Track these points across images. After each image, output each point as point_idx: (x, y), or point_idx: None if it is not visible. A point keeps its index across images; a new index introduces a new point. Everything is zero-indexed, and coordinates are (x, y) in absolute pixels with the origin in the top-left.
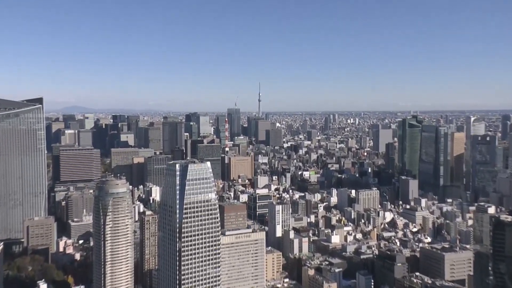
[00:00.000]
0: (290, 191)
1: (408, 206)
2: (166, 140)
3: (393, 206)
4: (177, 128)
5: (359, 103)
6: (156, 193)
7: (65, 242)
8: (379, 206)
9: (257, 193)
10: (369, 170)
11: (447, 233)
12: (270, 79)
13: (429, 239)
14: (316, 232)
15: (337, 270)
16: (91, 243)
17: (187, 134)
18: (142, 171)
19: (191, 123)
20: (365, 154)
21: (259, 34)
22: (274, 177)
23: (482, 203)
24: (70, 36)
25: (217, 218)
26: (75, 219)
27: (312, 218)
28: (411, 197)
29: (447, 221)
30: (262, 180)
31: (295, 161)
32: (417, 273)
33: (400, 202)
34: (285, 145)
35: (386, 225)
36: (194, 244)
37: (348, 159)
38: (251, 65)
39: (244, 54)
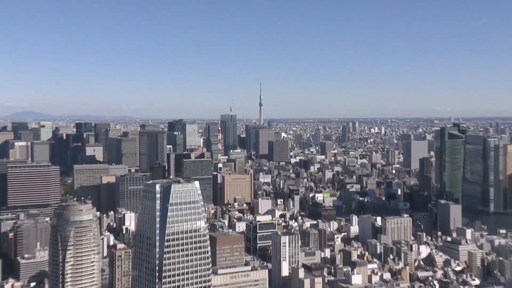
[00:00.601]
0: (299, 218)
1: (449, 239)
2: (143, 154)
3: (430, 238)
4: (158, 139)
5: (385, 108)
6: (130, 221)
7: (12, 285)
8: (412, 238)
9: (258, 221)
10: (399, 192)
11: (501, 273)
12: (274, 79)
13: (477, 281)
14: (333, 271)
15: None
16: (47, 286)
17: (170, 146)
18: (113, 193)
19: (175, 133)
20: (394, 171)
21: (259, 25)
22: (279, 201)
23: None
24: (20, 28)
25: (208, 252)
26: (25, 256)
27: (327, 252)
28: (452, 226)
29: (500, 258)
30: (264, 204)
31: (305, 180)
32: None
33: (439, 233)
34: (293, 161)
35: (422, 263)
36: (179, 286)
37: (372, 178)
38: (250, 62)
39: (241, 48)
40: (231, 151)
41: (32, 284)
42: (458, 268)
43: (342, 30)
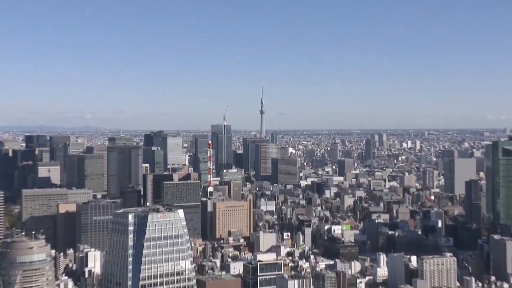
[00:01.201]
0: (312, 257)
1: (505, 285)
2: (113, 176)
3: (480, 284)
4: (131, 156)
5: (421, 117)
6: (95, 262)
7: None
8: (458, 283)
9: (259, 261)
10: (439, 225)
11: None
12: (278, 80)
13: None
14: None
15: None
16: None
17: (147, 165)
18: (72, 225)
19: (154, 148)
20: (432, 198)
21: (259, 14)
22: (286, 235)
23: None
24: None
25: None
26: None
27: None
28: (510, 269)
29: None
30: (267, 239)
31: (319, 208)
32: None
33: (492, 278)
34: (303, 183)
35: None
36: None
37: (405, 205)
38: (248, 61)
39: (236, 42)
40: (225, 171)
41: None
42: None
43: (364, 21)
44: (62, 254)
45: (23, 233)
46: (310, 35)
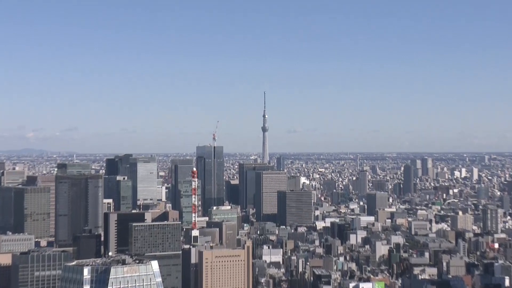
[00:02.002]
0: None
1: None
2: (63, 215)
3: None
4: (88, 188)
5: (479, 137)
6: None
7: None
8: None
9: None
10: (507, 283)
11: None
12: (286, 89)
13: None
14: None
15: None
16: None
17: (110, 201)
18: (7, 282)
19: (119, 177)
20: (496, 246)
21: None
22: None
23: None
24: None
25: None
26: None
27: None
28: None
29: None
30: None
31: (341, 259)
32: None
33: None
34: (320, 225)
35: None
36: None
37: (458, 256)
38: (246, 62)
39: (232, 41)
40: (215, 208)
41: None
42: None
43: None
44: None
45: None
46: (328, 31)
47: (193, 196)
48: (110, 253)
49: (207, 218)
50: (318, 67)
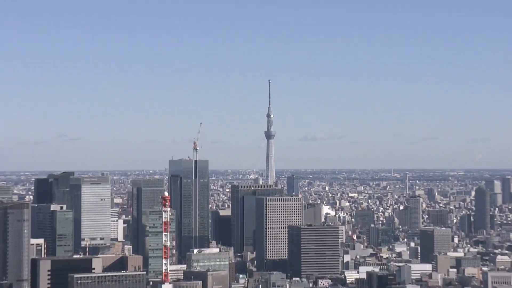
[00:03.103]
0: None
1: None
2: None
3: None
4: (8, 222)
5: None
6: None
7: None
8: None
9: None
10: None
11: None
12: (299, 79)
13: None
14: None
15: None
16: None
17: (41, 241)
18: None
19: (55, 206)
20: None
21: None
22: None
23: None
24: None
25: None
26: None
27: None
28: None
29: None
30: None
31: None
32: None
33: None
34: (352, 276)
35: None
36: None
37: None
38: (245, 40)
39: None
40: (196, 251)
41: None
42: None
43: None
44: None
45: None
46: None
47: (164, 233)
48: None
49: (185, 266)
50: (345, 48)
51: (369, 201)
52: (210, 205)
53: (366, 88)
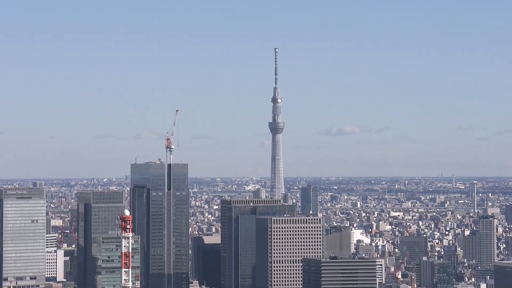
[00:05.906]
0: None
1: None
2: None
3: None
4: None
5: None
6: None
7: None
8: None
9: None
10: None
11: None
12: (317, 49)
13: None
14: None
15: None
16: None
17: None
18: None
19: None
20: None
21: None
22: None
23: None
24: None
25: None
26: None
27: None
28: None
29: None
30: None
31: None
32: None
33: None
34: None
35: None
36: None
37: None
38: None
39: None
40: None
41: None
42: None
43: None
44: None
45: None
46: None
47: (123, 270)
48: None
49: None
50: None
51: (420, 223)
52: (190, 229)
53: (415, 60)
